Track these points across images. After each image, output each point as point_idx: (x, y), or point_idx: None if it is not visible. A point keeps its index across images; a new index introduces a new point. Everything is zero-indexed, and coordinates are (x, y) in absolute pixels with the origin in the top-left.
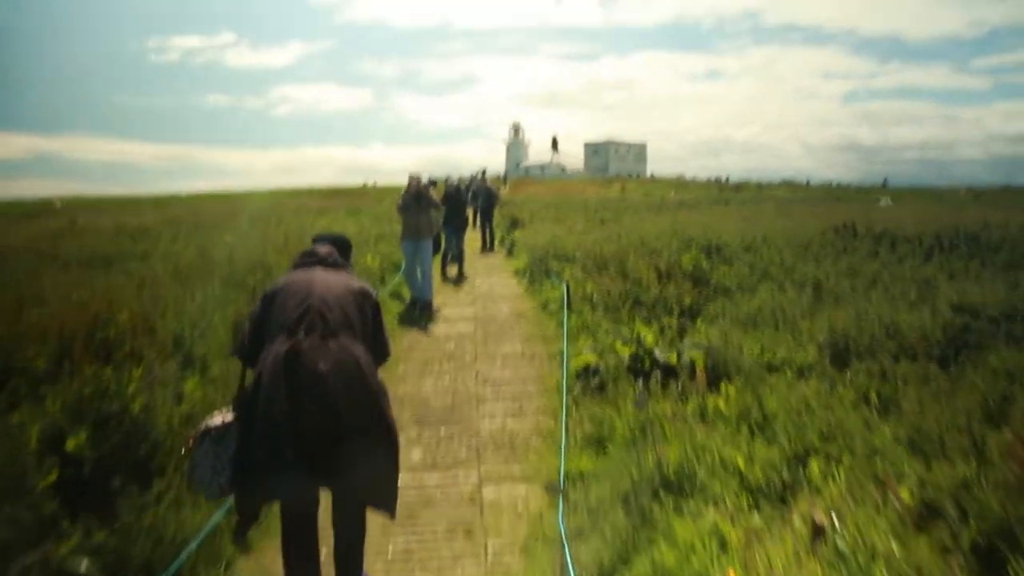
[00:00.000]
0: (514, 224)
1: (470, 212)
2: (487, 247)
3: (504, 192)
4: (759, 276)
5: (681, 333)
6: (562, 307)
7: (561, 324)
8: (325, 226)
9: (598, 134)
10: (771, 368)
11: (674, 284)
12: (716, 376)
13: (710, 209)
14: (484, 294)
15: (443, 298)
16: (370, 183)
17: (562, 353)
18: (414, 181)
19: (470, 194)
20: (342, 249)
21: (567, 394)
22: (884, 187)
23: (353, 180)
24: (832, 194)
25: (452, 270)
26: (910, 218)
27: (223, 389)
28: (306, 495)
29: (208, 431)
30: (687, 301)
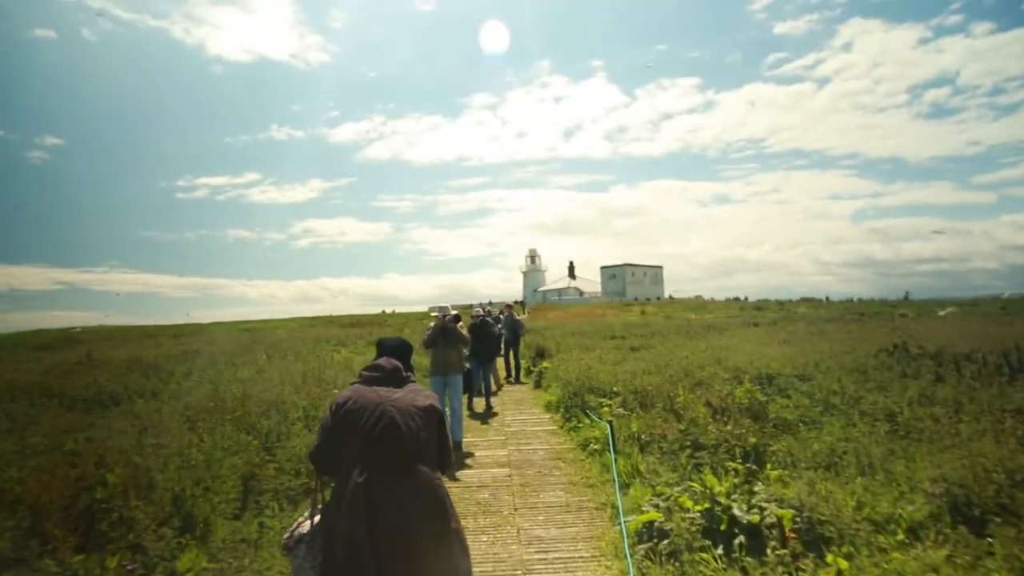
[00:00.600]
0: (540, 354)
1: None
2: (513, 379)
3: (524, 319)
4: (821, 408)
5: (749, 479)
6: (606, 448)
7: (606, 468)
8: (345, 360)
9: (611, 259)
10: (875, 526)
11: (733, 421)
12: (811, 539)
13: (741, 332)
14: (516, 432)
15: (472, 436)
16: (388, 311)
17: (615, 507)
18: (441, 314)
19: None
20: (404, 358)
21: (631, 560)
22: (906, 300)
23: (371, 309)
24: (853, 309)
25: (479, 404)
26: (955, 333)
27: (227, 558)
28: None
29: (302, 538)
30: (752, 441)
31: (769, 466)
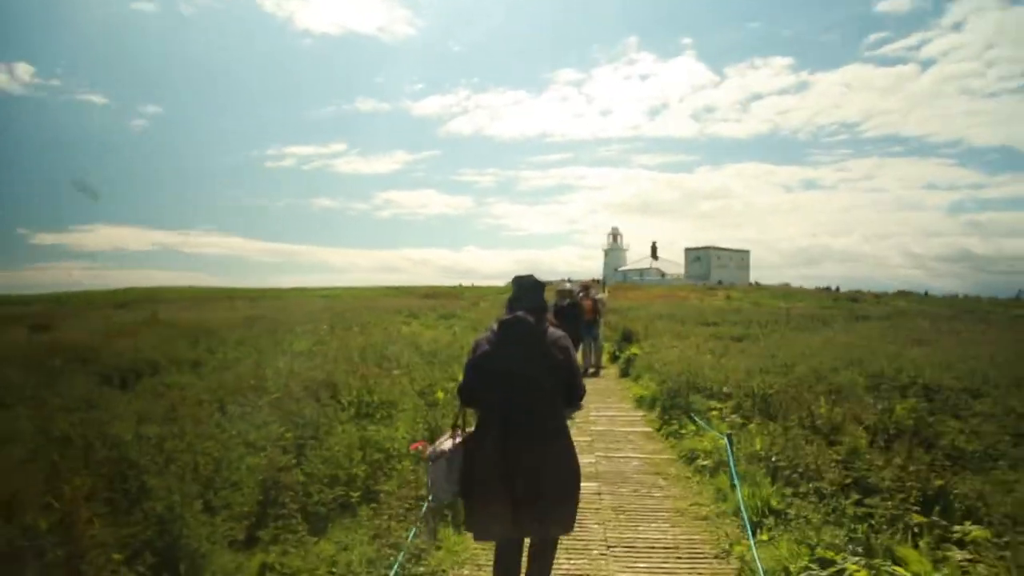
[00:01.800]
0: (627, 338)
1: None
2: (592, 368)
3: (604, 297)
4: (1012, 437)
5: (939, 540)
6: (720, 467)
7: (721, 493)
8: (413, 334)
9: (692, 242)
10: None
11: (904, 452)
12: None
13: (852, 326)
14: (603, 432)
15: None
16: (466, 284)
17: (744, 561)
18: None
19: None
20: (538, 296)
21: None
22: (1019, 299)
23: (450, 281)
24: (960, 306)
25: None
26: None
27: None
28: (513, 542)
29: (443, 454)
30: (937, 484)
31: (966, 524)
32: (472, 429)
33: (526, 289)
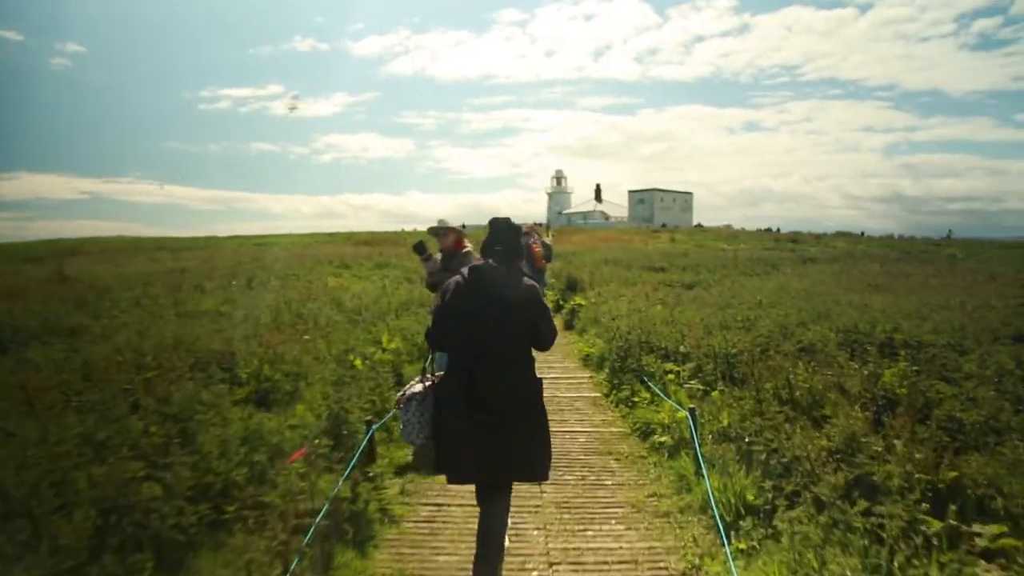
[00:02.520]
0: (572, 286)
1: None
2: None
3: (550, 242)
4: (1012, 404)
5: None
6: (681, 446)
7: (684, 481)
8: (340, 287)
9: (636, 185)
10: None
11: (902, 431)
12: None
13: (802, 270)
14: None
15: None
16: (408, 229)
17: None
18: (450, 235)
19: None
20: (513, 243)
21: None
22: (950, 239)
23: (393, 227)
24: (897, 247)
25: None
26: None
27: None
28: (481, 484)
29: (414, 396)
30: (950, 476)
31: (990, 526)
32: (440, 373)
33: (501, 232)
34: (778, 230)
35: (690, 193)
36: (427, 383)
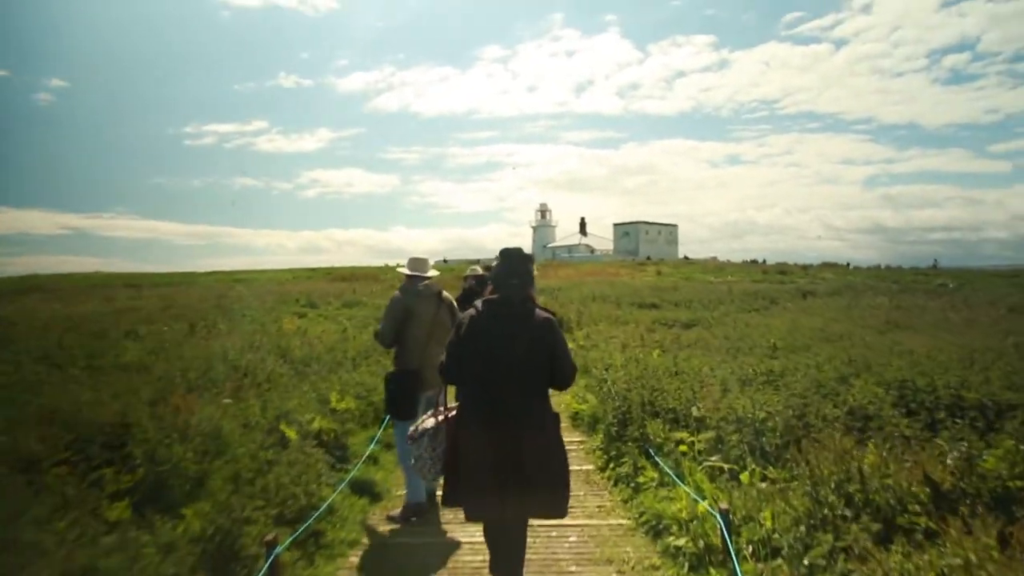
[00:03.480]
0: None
1: None
2: None
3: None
4: None
5: None
6: (706, 558)
7: None
8: (298, 331)
9: (620, 218)
10: None
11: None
12: None
13: (803, 304)
14: None
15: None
16: (392, 263)
17: None
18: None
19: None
20: (524, 272)
21: None
22: (936, 268)
23: (378, 261)
24: (886, 277)
25: None
26: None
27: None
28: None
29: (427, 431)
30: None
31: None
32: (454, 408)
33: (516, 262)
34: (764, 261)
35: (675, 225)
36: (440, 417)
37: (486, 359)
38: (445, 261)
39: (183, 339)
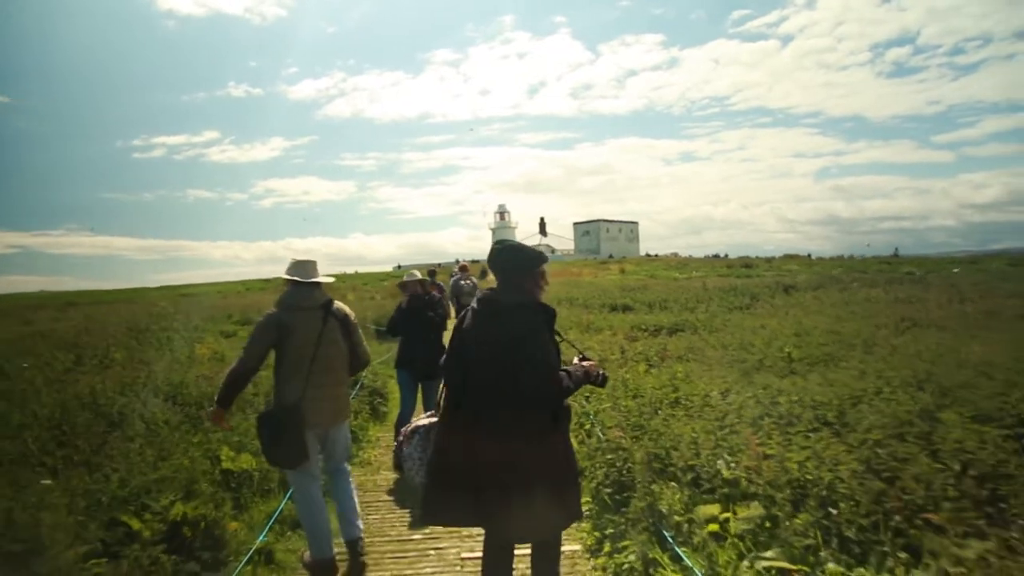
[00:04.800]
0: None
1: None
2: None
3: (492, 278)
4: None
5: None
6: None
7: None
8: (212, 355)
9: (579, 217)
10: None
11: None
12: None
13: (789, 299)
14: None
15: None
16: (350, 271)
17: None
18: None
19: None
20: (518, 269)
21: None
22: (897, 257)
23: (338, 269)
24: (853, 267)
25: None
26: None
27: None
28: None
29: (419, 428)
30: None
31: None
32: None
33: (511, 250)
34: (726, 256)
35: (635, 223)
36: (433, 419)
37: (472, 358)
38: (399, 267)
39: (63, 374)
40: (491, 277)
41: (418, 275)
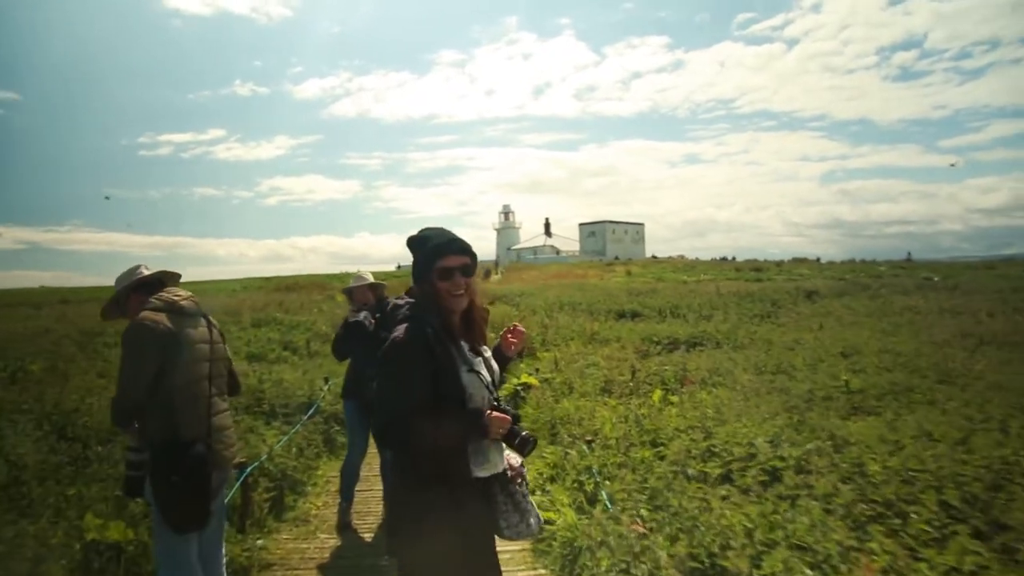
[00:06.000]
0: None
1: None
2: None
3: (496, 279)
4: None
5: None
6: None
7: None
8: None
9: (583, 218)
10: None
11: None
12: None
13: (813, 307)
14: None
15: None
16: (353, 270)
17: None
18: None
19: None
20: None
21: None
22: (910, 261)
23: (343, 268)
24: (867, 271)
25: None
26: None
27: None
28: None
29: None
30: None
31: None
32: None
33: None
34: (734, 259)
35: (642, 224)
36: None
37: None
38: (399, 267)
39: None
40: (495, 277)
41: (369, 278)
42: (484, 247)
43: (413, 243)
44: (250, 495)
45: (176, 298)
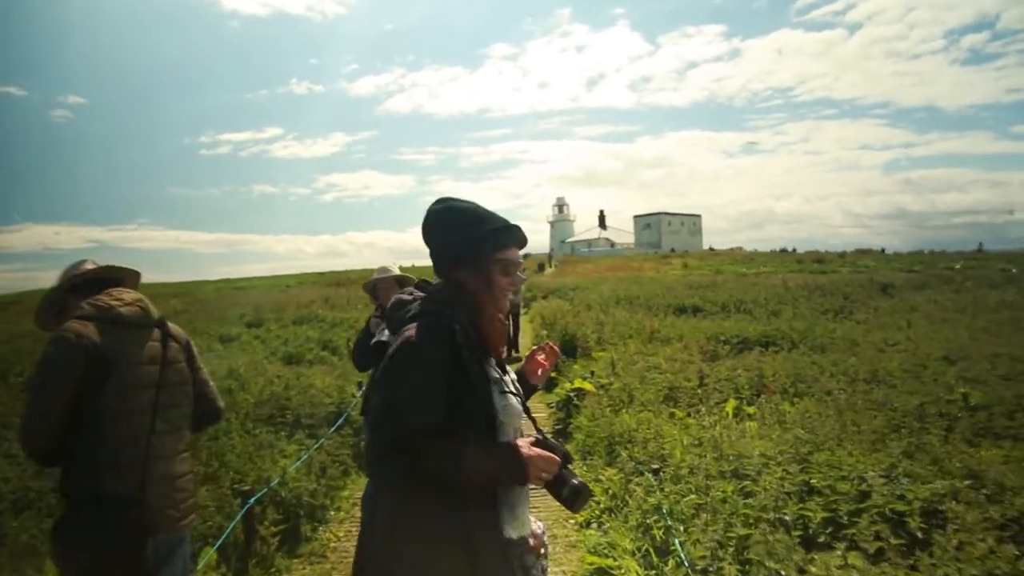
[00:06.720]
0: (567, 349)
1: None
2: None
3: (549, 272)
4: None
5: None
6: None
7: None
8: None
9: (639, 211)
10: None
11: None
12: None
13: (892, 303)
14: None
15: None
16: (407, 265)
17: None
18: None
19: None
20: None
21: None
22: (981, 251)
23: (397, 262)
24: (933, 262)
25: None
26: None
27: None
28: None
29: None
30: None
31: None
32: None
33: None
34: (794, 250)
35: (698, 215)
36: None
37: None
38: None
39: None
40: (548, 271)
41: (395, 270)
42: (538, 240)
43: (453, 218)
44: (255, 529)
45: (114, 303)
